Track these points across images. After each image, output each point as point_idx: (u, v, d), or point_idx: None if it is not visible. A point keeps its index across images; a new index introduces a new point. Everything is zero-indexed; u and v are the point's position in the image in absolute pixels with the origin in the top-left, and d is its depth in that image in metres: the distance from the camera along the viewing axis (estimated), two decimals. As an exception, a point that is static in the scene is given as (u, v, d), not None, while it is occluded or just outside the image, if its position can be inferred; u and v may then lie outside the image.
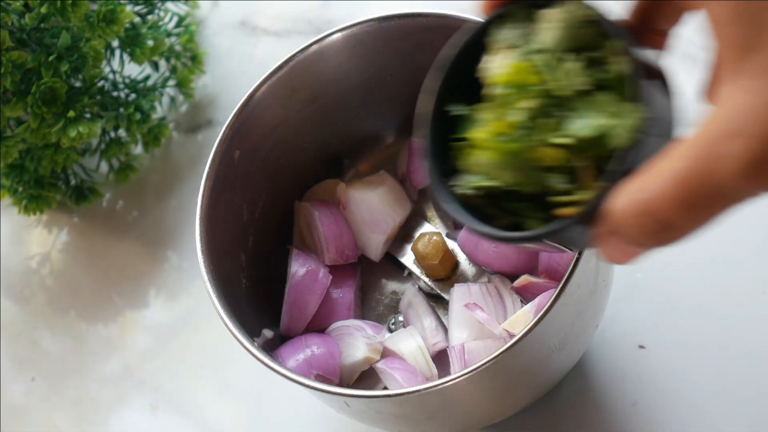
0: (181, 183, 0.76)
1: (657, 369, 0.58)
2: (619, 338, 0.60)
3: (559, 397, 0.58)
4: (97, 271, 0.74)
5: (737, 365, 0.57)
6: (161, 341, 0.69)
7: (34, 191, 0.73)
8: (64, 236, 0.77)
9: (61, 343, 0.72)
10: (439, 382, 0.45)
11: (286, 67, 0.57)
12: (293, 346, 0.56)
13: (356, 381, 0.57)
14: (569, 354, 0.52)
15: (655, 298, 0.60)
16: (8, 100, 0.65)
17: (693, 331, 0.59)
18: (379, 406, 0.48)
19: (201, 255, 0.52)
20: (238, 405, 0.65)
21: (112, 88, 0.72)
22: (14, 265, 0.77)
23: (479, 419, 0.54)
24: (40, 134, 0.66)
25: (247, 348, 0.49)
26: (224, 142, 0.55)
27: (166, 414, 0.66)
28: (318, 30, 0.77)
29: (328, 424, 0.62)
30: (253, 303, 0.57)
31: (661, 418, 0.57)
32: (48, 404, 0.69)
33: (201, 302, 0.69)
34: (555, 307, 0.45)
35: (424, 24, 0.55)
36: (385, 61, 0.59)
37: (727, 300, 0.59)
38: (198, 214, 0.53)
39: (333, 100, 0.60)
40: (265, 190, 0.60)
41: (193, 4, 0.81)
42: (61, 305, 0.73)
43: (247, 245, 0.59)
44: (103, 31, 0.66)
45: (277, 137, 0.59)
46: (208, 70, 0.79)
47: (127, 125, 0.71)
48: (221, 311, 0.50)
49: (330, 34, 0.57)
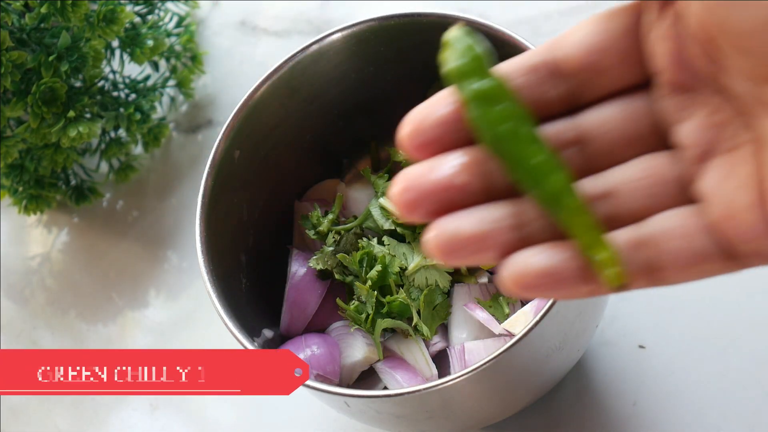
0: (181, 183, 0.76)
1: (657, 369, 0.58)
2: (619, 338, 0.60)
3: (559, 397, 0.58)
4: (97, 271, 0.74)
5: (737, 365, 0.57)
6: (161, 341, 0.69)
7: (34, 191, 0.73)
8: (64, 236, 0.77)
9: (61, 343, 0.72)
10: (439, 382, 0.45)
11: (286, 67, 0.57)
12: (293, 346, 0.56)
13: (356, 381, 0.57)
14: (569, 354, 0.52)
15: (655, 298, 0.60)
16: (8, 100, 0.65)
17: (693, 331, 0.59)
18: (379, 406, 0.48)
19: (201, 255, 0.52)
20: (238, 405, 0.65)
21: (112, 88, 0.72)
22: (14, 265, 0.77)
23: (479, 419, 0.54)
24: (40, 134, 0.66)
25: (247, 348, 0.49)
26: (224, 142, 0.55)
27: (165, 414, 0.66)
28: (318, 30, 0.77)
29: (328, 424, 0.62)
30: (253, 303, 0.57)
31: (661, 418, 0.57)
32: (48, 404, 0.69)
33: (201, 302, 0.69)
34: (555, 307, 0.45)
35: (424, 24, 0.55)
36: (385, 61, 0.59)
37: (728, 300, 0.59)
38: (198, 214, 0.53)
39: (333, 100, 0.60)
40: (265, 190, 0.60)
41: (193, 4, 0.81)
42: (61, 305, 0.73)
43: (247, 245, 0.59)
44: (103, 31, 0.66)
45: (277, 137, 0.59)
46: (208, 70, 0.79)
47: (127, 125, 0.71)
48: (221, 311, 0.50)
49: (330, 34, 0.57)
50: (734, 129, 0.32)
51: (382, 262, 0.54)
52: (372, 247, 0.55)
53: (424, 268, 0.55)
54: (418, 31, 0.56)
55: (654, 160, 0.33)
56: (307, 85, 0.58)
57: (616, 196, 0.33)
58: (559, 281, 0.32)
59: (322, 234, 0.58)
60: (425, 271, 0.55)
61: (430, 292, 0.54)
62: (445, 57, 0.34)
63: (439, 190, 0.32)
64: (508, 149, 0.32)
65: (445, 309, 0.55)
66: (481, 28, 0.53)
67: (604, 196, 0.33)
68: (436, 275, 0.55)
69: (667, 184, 0.33)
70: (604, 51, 0.33)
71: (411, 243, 0.55)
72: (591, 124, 0.34)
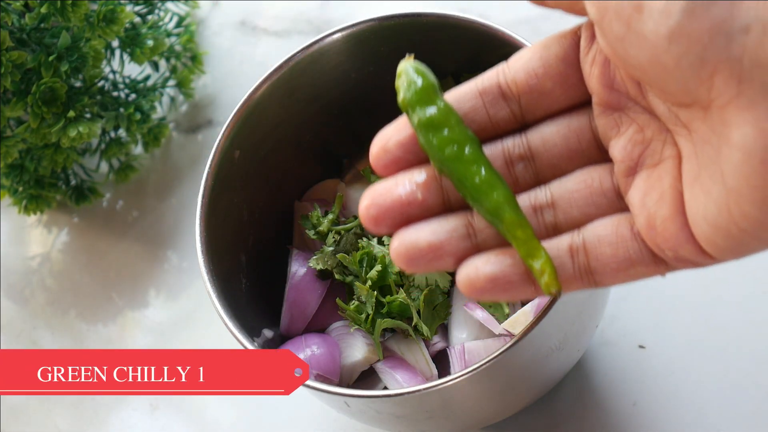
0: (181, 183, 0.76)
1: (657, 369, 0.58)
2: (619, 338, 0.60)
3: (559, 397, 0.58)
4: (97, 271, 0.74)
5: (737, 365, 0.57)
6: (161, 341, 0.69)
7: (34, 191, 0.73)
8: (64, 236, 0.77)
9: (61, 343, 0.72)
10: (439, 382, 0.45)
11: (286, 67, 0.56)
12: (293, 346, 0.56)
13: (356, 381, 0.57)
14: (569, 354, 0.52)
15: (655, 298, 0.60)
16: (8, 100, 0.65)
17: (693, 331, 0.59)
18: (379, 406, 0.48)
19: (201, 255, 0.52)
20: (238, 405, 0.65)
21: (112, 88, 0.72)
22: (14, 265, 0.77)
23: (479, 419, 0.54)
24: (40, 134, 0.66)
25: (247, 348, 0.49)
26: (224, 142, 0.55)
27: (165, 414, 0.66)
28: (318, 30, 0.77)
29: (328, 424, 0.62)
30: (253, 303, 0.57)
31: (661, 418, 0.57)
32: (48, 404, 0.69)
33: (201, 302, 0.69)
34: (555, 307, 0.45)
35: (424, 24, 0.55)
36: (385, 61, 0.59)
37: (727, 300, 0.59)
38: (198, 214, 0.53)
39: (333, 100, 0.60)
40: (265, 190, 0.60)
41: (193, 4, 0.81)
42: (61, 305, 0.73)
43: (247, 245, 0.59)
44: (103, 31, 0.66)
45: (277, 137, 0.59)
46: (208, 70, 0.79)
47: (127, 125, 0.71)
48: (221, 311, 0.50)
49: (330, 34, 0.57)
50: (658, 145, 0.34)
51: (382, 262, 0.54)
52: (372, 247, 0.55)
53: (424, 268, 0.55)
54: (418, 31, 0.56)
55: (593, 173, 0.37)
56: (307, 85, 0.58)
57: (558, 206, 0.37)
58: (506, 285, 0.36)
59: (322, 234, 0.58)
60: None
61: (430, 292, 0.54)
62: (397, 86, 0.38)
63: (399, 206, 0.36)
64: (453, 170, 0.36)
65: (445, 309, 0.55)
66: (481, 28, 0.53)
67: (548, 206, 0.37)
68: (436, 275, 0.55)
69: (603, 194, 0.36)
70: (544, 75, 0.37)
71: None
72: (536, 141, 0.37)
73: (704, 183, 0.32)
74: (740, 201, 0.30)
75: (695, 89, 0.31)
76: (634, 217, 0.35)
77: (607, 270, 0.35)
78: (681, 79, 0.31)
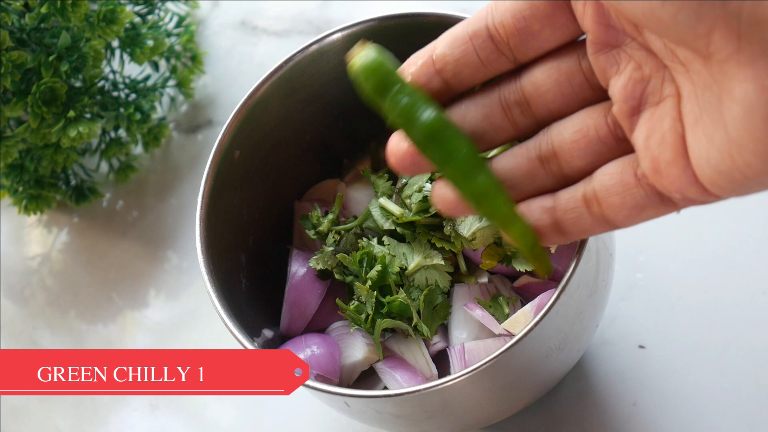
0: (181, 183, 0.76)
1: (657, 369, 0.58)
2: (619, 338, 0.60)
3: (559, 397, 0.58)
4: (97, 271, 0.74)
5: (737, 365, 0.57)
6: (161, 341, 0.69)
7: (34, 191, 0.73)
8: (64, 236, 0.77)
9: (61, 343, 0.72)
10: (439, 382, 0.45)
11: (286, 67, 0.56)
12: (293, 346, 0.56)
13: (356, 381, 0.57)
14: (569, 354, 0.52)
15: (655, 298, 0.60)
16: (8, 100, 0.65)
17: (693, 331, 0.59)
18: (379, 406, 0.48)
19: (201, 255, 0.52)
20: (238, 405, 0.65)
21: (112, 88, 0.72)
22: (14, 265, 0.77)
23: (479, 419, 0.54)
24: (40, 134, 0.66)
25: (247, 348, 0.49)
26: (224, 142, 0.55)
27: (165, 414, 0.66)
28: (318, 30, 0.77)
29: (328, 424, 0.62)
30: (253, 303, 0.57)
31: (661, 418, 0.57)
32: (48, 404, 0.69)
33: (201, 302, 0.69)
34: (555, 307, 0.45)
35: (424, 24, 0.55)
36: (385, 61, 0.59)
37: (727, 300, 0.59)
38: (198, 214, 0.53)
39: (333, 100, 0.60)
40: (265, 190, 0.60)
41: (193, 4, 0.81)
42: (61, 305, 0.73)
43: (247, 245, 0.59)
44: (103, 31, 0.66)
45: (277, 137, 0.59)
46: (208, 70, 0.79)
47: (127, 125, 0.71)
48: (221, 311, 0.50)
49: (330, 34, 0.57)
50: (657, 83, 0.35)
51: (382, 262, 0.54)
52: (372, 247, 0.55)
53: (424, 268, 0.55)
54: (418, 31, 0.56)
55: (587, 120, 0.38)
56: (306, 85, 0.58)
57: (561, 158, 0.38)
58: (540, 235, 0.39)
59: (322, 234, 0.58)
60: (425, 271, 0.55)
61: (430, 292, 0.54)
62: (358, 83, 0.40)
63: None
64: (436, 148, 0.39)
65: (445, 309, 0.55)
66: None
67: (553, 157, 0.39)
68: (436, 275, 0.55)
69: (601, 141, 0.38)
70: (531, 17, 0.37)
71: (411, 243, 0.55)
72: (529, 87, 0.39)
73: (706, 127, 0.32)
74: (743, 152, 0.31)
75: (693, 42, 0.31)
76: (639, 160, 0.36)
77: (620, 216, 0.37)
78: (677, 32, 0.31)
